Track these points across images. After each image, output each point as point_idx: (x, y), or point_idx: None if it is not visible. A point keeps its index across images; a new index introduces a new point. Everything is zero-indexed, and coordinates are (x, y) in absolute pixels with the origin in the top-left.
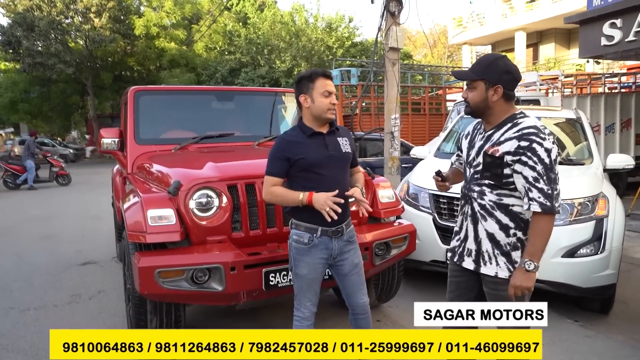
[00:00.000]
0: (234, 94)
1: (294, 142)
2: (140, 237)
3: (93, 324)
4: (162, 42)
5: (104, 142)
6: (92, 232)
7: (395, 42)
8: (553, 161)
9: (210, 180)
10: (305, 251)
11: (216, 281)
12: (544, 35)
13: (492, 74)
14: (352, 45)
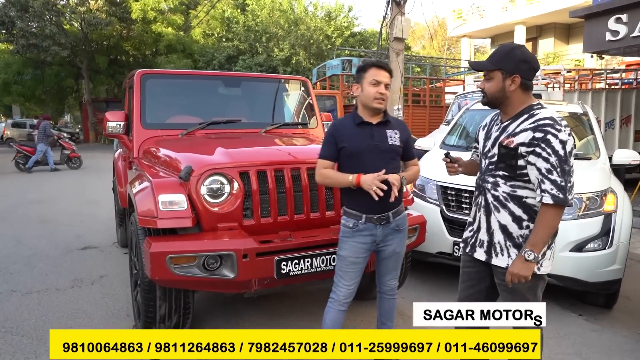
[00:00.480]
0: (242, 80)
1: (343, 129)
2: (151, 222)
3: (97, 309)
4: (159, 26)
5: (109, 125)
6: (90, 217)
7: (400, 32)
8: (568, 153)
9: (222, 166)
10: (349, 234)
11: (228, 268)
12: (544, 29)
13: (509, 63)
14: (351, 35)
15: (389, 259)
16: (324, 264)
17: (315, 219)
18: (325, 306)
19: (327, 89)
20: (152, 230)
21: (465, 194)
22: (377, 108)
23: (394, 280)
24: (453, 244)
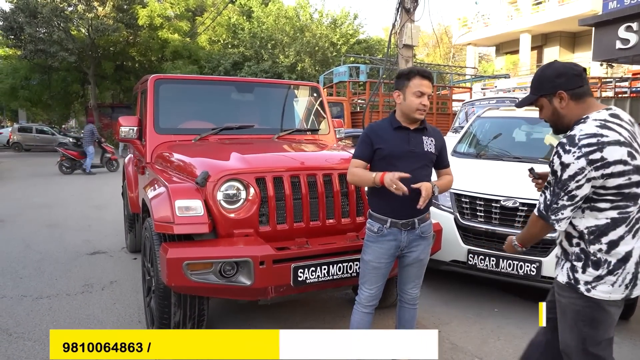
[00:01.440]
0: (255, 86)
1: (380, 132)
2: (168, 227)
3: (108, 315)
4: (165, 33)
5: (122, 130)
6: (98, 222)
7: (410, 39)
8: (568, 177)
9: (238, 171)
10: (374, 239)
11: (244, 275)
12: (549, 38)
13: (545, 85)
14: (357, 43)
15: (412, 265)
16: (340, 272)
17: (331, 226)
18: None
19: (334, 95)
20: (167, 236)
21: (480, 202)
22: (417, 119)
23: (416, 288)
24: (467, 252)
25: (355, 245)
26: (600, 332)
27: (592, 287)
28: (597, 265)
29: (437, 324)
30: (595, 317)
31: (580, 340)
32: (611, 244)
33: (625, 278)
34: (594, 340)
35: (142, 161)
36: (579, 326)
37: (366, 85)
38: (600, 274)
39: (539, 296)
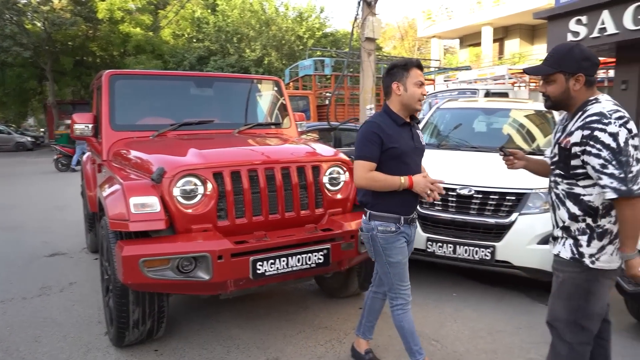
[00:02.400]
0: (214, 80)
1: (388, 130)
2: (122, 225)
3: (67, 316)
4: (126, 27)
5: (77, 127)
6: (58, 222)
7: (372, 32)
8: (623, 143)
9: (195, 166)
10: (394, 238)
11: (203, 270)
12: (510, 30)
13: (570, 63)
14: (323, 36)
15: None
16: (300, 263)
17: (290, 219)
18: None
19: (299, 89)
20: (123, 234)
21: None
22: (418, 109)
23: None
24: (426, 240)
25: (314, 236)
26: (591, 305)
27: (596, 259)
28: (601, 236)
29: None
30: (592, 290)
31: (572, 312)
32: None
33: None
34: (585, 313)
35: (98, 159)
36: (575, 299)
37: (331, 78)
38: (603, 244)
39: (495, 280)
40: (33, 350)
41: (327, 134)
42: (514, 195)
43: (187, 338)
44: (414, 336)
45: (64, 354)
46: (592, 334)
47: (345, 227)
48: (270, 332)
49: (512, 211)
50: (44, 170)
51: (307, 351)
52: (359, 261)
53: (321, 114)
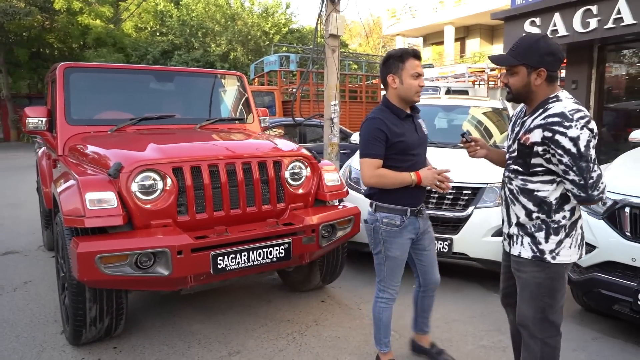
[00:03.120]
0: (174, 75)
1: (391, 124)
2: (78, 221)
3: (21, 316)
4: (85, 18)
5: (29, 121)
6: (12, 220)
7: (336, 29)
8: (584, 148)
9: (154, 162)
10: (397, 233)
11: (162, 265)
12: (470, 30)
13: (533, 56)
14: (290, 32)
15: (429, 248)
16: (261, 257)
17: (252, 213)
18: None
19: (265, 84)
20: (80, 230)
21: None
22: (416, 101)
23: (438, 273)
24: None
25: (275, 231)
26: (557, 300)
27: (557, 254)
28: (557, 231)
29: (359, 302)
30: (555, 286)
31: (540, 310)
32: (572, 210)
33: (577, 239)
34: (552, 309)
35: (53, 154)
36: (540, 297)
37: (296, 74)
38: (560, 238)
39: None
40: None
41: (293, 129)
42: (471, 189)
43: (148, 334)
44: (387, 330)
45: (16, 355)
46: (559, 325)
47: (307, 221)
48: (232, 326)
49: (469, 205)
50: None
51: (269, 344)
52: (320, 255)
53: (287, 109)
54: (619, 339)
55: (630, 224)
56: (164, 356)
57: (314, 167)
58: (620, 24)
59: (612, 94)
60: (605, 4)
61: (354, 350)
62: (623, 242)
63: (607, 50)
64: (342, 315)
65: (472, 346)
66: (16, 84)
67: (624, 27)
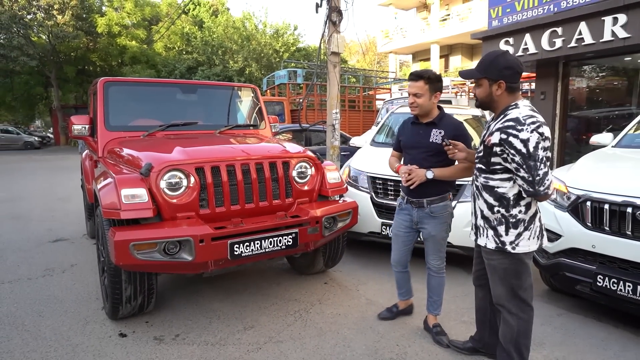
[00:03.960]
0: (197, 87)
1: (403, 127)
2: (115, 214)
3: (68, 294)
4: (123, 40)
5: (75, 128)
6: (61, 212)
7: (337, 47)
8: (533, 149)
9: (179, 162)
10: (397, 212)
11: (186, 252)
12: (453, 48)
13: (493, 71)
14: (297, 50)
15: (428, 240)
16: (272, 245)
17: (263, 207)
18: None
19: (276, 95)
20: (116, 221)
21: (390, 182)
22: (413, 113)
23: (436, 260)
24: (381, 224)
25: (284, 222)
26: (523, 280)
27: (516, 245)
28: (516, 225)
29: (357, 284)
30: (519, 269)
31: (509, 290)
32: (527, 205)
33: (536, 231)
34: (520, 287)
35: (94, 156)
36: (508, 279)
37: (303, 86)
38: (519, 231)
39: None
40: (37, 324)
41: (300, 134)
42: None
43: (175, 311)
44: (398, 285)
45: (64, 327)
46: (530, 300)
47: (311, 214)
48: (247, 304)
49: (452, 199)
50: (49, 166)
51: (279, 320)
52: (323, 243)
53: (294, 117)
54: (580, 315)
55: (591, 216)
56: (188, 329)
57: (317, 167)
58: (582, 44)
59: (575, 104)
60: (569, 26)
61: (352, 325)
62: (585, 231)
63: (570, 65)
64: (342, 295)
65: (454, 322)
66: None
67: (585, 46)
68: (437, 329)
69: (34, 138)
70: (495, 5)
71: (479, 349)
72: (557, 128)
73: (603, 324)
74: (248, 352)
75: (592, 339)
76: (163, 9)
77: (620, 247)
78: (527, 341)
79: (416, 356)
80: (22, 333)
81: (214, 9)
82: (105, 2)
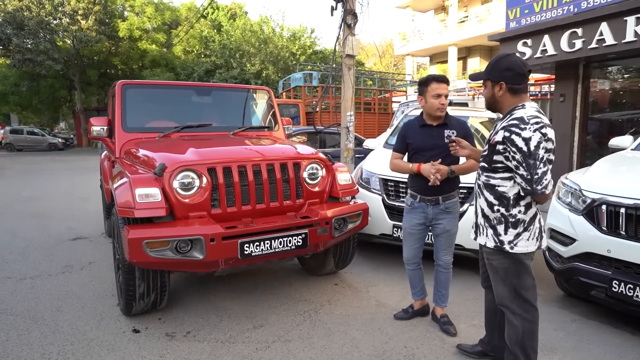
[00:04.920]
0: (212, 90)
1: (410, 129)
2: (129, 212)
3: (86, 290)
4: (144, 44)
5: (94, 129)
6: (81, 212)
7: (351, 49)
8: (534, 147)
9: (192, 163)
10: (408, 210)
11: (198, 250)
12: (471, 50)
13: (494, 72)
14: (314, 53)
15: (441, 236)
16: (282, 245)
17: (274, 208)
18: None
19: (292, 98)
20: (130, 220)
21: (402, 185)
22: (439, 116)
23: (447, 255)
24: (392, 226)
25: (294, 223)
26: (524, 280)
27: (515, 245)
28: (515, 225)
29: (367, 286)
30: (519, 269)
31: (511, 290)
32: (527, 206)
33: (535, 232)
34: (522, 287)
35: (112, 157)
36: (509, 279)
37: (318, 89)
38: (519, 231)
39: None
40: (55, 318)
41: (314, 136)
42: (466, 189)
43: (187, 309)
44: (413, 285)
45: (81, 322)
46: (534, 301)
47: (321, 215)
48: (257, 303)
49: (464, 202)
50: (71, 167)
51: (288, 320)
52: (333, 244)
53: (309, 119)
54: (595, 321)
55: (607, 220)
56: (199, 327)
57: (328, 169)
58: (603, 45)
59: (597, 106)
60: (589, 26)
61: (361, 326)
62: (600, 235)
63: (591, 67)
64: (352, 297)
65: (464, 324)
66: (87, 99)
67: (606, 47)
68: (445, 319)
69: (57, 140)
70: (514, 6)
71: (488, 353)
72: (577, 131)
73: (620, 330)
74: (257, 350)
75: (607, 345)
76: (182, 13)
77: (636, 252)
78: (534, 342)
79: (424, 358)
80: (41, 327)
81: (232, 12)
82: (127, 7)
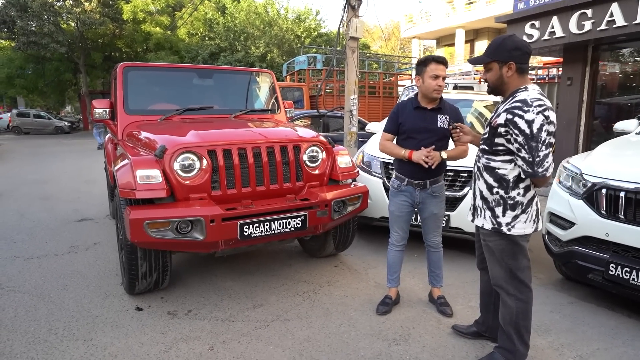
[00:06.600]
0: (213, 72)
1: (403, 110)
2: (130, 193)
3: (90, 270)
4: (148, 26)
5: (96, 111)
6: (87, 194)
7: (355, 32)
8: (537, 130)
9: (192, 145)
10: (395, 194)
11: (198, 231)
12: (479, 32)
13: (502, 52)
14: (319, 36)
15: (428, 218)
16: (281, 227)
17: (274, 190)
18: (285, 262)
19: (295, 81)
20: (132, 201)
21: None
22: (434, 97)
23: (436, 236)
24: None
25: (293, 205)
26: (519, 261)
27: (512, 227)
28: (513, 207)
29: (366, 268)
30: (515, 250)
31: (507, 271)
32: (526, 188)
33: (532, 215)
34: (518, 268)
35: (115, 139)
36: (505, 260)
37: (322, 72)
38: (516, 214)
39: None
40: (61, 296)
41: (317, 120)
42: (466, 172)
43: (189, 289)
44: (391, 269)
45: (86, 299)
46: (529, 282)
47: (321, 197)
48: (258, 284)
49: (464, 186)
50: (77, 150)
51: (287, 300)
52: (332, 226)
53: (313, 103)
54: (592, 304)
55: (606, 204)
56: (200, 306)
57: (328, 151)
58: (613, 26)
59: (606, 90)
60: (599, 7)
61: (359, 307)
62: (599, 219)
63: (600, 49)
64: (351, 278)
65: (461, 306)
66: (92, 82)
67: (616, 29)
68: (442, 300)
69: (64, 123)
70: None
71: (483, 333)
72: (584, 115)
73: (615, 313)
74: (256, 328)
75: (602, 327)
76: None
77: (634, 235)
78: (527, 323)
79: (419, 338)
80: (47, 304)
81: None
82: None
